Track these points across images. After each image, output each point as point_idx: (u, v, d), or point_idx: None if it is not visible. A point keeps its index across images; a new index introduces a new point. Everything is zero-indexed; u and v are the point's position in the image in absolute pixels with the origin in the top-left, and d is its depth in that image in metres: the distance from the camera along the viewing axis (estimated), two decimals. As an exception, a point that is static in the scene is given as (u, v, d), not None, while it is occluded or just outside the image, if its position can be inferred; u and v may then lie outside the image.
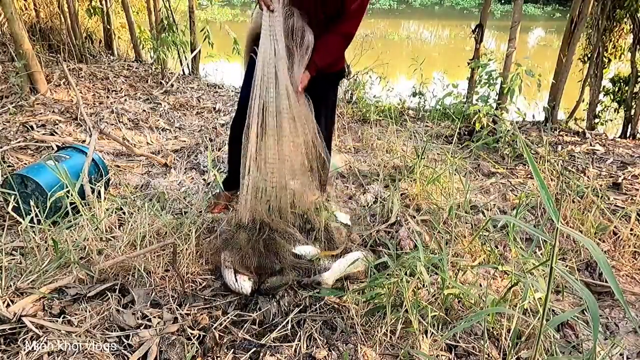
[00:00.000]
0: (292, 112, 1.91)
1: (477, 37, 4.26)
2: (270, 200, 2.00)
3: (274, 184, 1.98)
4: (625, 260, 2.20)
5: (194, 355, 1.52)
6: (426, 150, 3.06)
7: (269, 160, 1.94)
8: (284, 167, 1.97)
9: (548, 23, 15.38)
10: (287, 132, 1.91)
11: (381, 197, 2.66)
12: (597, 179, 3.10)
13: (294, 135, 1.94)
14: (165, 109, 4.35)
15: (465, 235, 2.22)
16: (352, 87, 5.01)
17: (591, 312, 1.05)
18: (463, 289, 1.69)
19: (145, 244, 1.96)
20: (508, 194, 2.91)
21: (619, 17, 4.00)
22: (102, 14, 5.94)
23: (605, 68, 4.28)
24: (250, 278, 1.87)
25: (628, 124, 4.26)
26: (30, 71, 3.96)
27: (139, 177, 3.00)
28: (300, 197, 2.08)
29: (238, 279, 1.85)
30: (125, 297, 1.77)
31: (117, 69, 5.44)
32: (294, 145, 1.95)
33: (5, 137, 3.20)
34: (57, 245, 1.86)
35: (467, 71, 4.47)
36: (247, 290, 1.83)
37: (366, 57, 5.51)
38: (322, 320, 1.71)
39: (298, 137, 1.95)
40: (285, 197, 2.02)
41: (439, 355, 1.55)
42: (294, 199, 2.06)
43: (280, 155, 1.94)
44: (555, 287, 1.95)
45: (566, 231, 1.05)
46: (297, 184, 2.05)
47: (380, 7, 18.73)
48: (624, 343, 1.71)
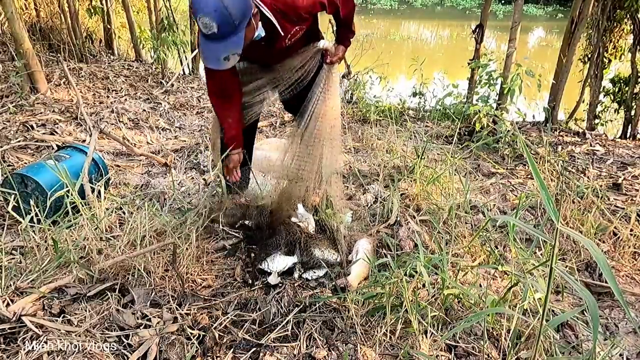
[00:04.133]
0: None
1: (477, 38, 4.26)
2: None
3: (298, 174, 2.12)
4: (625, 261, 2.19)
5: (193, 355, 1.52)
6: (426, 151, 3.06)
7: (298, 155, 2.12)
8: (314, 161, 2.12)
9: (549, 23, 15.37)
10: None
11: (381, 197, 2.66)
12: (597, 179, 3.10)
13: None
14: (166, 109, 4.35)
15: (465, 236, 2.22)
16: (352, 87, 5.00)
17: (591, 312, 1.05)
18: (463, 289, 1.69)
19: (145, 243, 1.96)
20: (508, 194, 2.91)
21: (619, 17, 4.00)
22: (102, 13, 5.94)
23: (605, 68, 4.28)
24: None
25: (628, 124, 4.26)
26: (31, 70, 3.96)
27: (139, 176, 3.00)
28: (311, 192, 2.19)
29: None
30: (125, 297, 1.77)
31: (117, 68, 5.44)
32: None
33: (5, 137, 3.20)
34: (57, 244, 1.86)
35: (467, 71, 4.47)
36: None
37: (366, 57, 5.51)
38: (322, 320, 1.71)
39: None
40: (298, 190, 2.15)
41: (438, 355, 1.55)
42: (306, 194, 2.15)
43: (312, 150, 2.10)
44: (555, 287, 1.95)
45: (566, 231, 1.05)
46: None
47: (381, 7, 18.73)
48: (624, 343, 1.71)
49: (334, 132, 2.14)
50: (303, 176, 2.13)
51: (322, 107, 2.08)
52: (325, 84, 2.09)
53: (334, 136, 2.14)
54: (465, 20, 15.75)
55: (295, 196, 2.16)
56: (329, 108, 2.09)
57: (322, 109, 2.08)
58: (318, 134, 2.09)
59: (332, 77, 2.10)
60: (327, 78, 2.09)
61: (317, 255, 1.99)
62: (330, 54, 2.07)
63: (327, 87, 2.09)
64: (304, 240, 2.04)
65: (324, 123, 2.09)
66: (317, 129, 2.09)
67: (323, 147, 2.11)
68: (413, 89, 4.88)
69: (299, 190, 2.16)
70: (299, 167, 2.13)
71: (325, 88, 2.09)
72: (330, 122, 2.11)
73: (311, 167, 2.12)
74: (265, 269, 1.95)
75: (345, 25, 2.11)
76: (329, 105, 2.10)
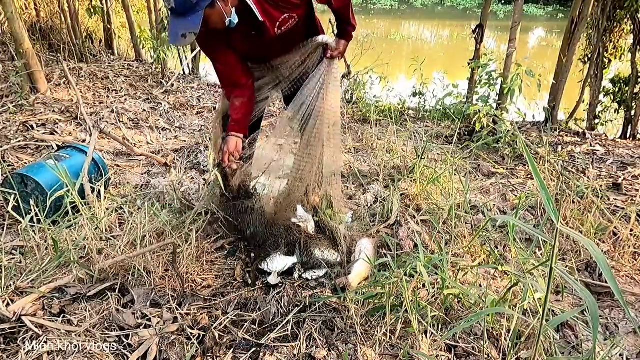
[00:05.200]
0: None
1: (477, 38, 4.25)
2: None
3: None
4: (625, 261, 2.19)
5: (193, 355, 1.52)
6: (426, 151, 3.05)
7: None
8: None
9: (549, 23, 15.37)
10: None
11: (381, 197, 2.66)
12: (597, 179, 3.09)
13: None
14: (166, 109, 4.35)
15: (465, 236, 2.22)
16: (352, 87, 5.00)
17: (591, 312, 1.05)
18: (463, 289, 1.69)
19: (145, 243, 1.96)
20: (508, 194, 2.90)
21: (619, 17, 4.00)
22: (102, 13, 5.94)
23: (605, 68, 4.28)
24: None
25: (628, 124, 4.26)
26: (31, 70, 3.96)
27: (139, 176, 3.00)
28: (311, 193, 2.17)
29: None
30: (125, 297, 1.77)
31: (117, 68, 5.44)
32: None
33: (5, 137, 3.20)
34: (57, 244, 1.86)
35: (467, 71, 4.47)
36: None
37: (366, 57, 5.51)
38: (321, 320, 1.70)
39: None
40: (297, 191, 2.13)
41: (438, 355, 1.55)
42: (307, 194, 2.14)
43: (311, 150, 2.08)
44: (555, 287, 1.95)
45: (566, 232, 1.05)
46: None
47: (381, 7, 18.73)
48: (624, 344, 1.71)
49: (333, 131, 2.09)
50: (303, 176, 2.11)
51: (321, 105, 2.02)
52: (325, 80, 2.02)
53: (334, 135, 2.10)
54: (465, 20, 15.74)
55: (295, 198, 2.14)
56: (328, 106, 2.03)
57: (321, 107, 2.02)
58: (317, 133, 2.05)
59: (333, 73, 2.03)
60: (327, 74, 2.02)
61: (317, 256, 1.99)
62: (331, 48, 2.01)
63: (327, 83, 2.02)
64: (303, 241, 2.03)
65: (324, 122, 2.04)
66: (316, 127, 2.04)
67: (323, 146, 2.07)
68: (413, 89, 4.88)
69: (299, 192, 2.14)
70: (299, 167, 2.11)
71: (325, 85, 2.02)
72: (330, 120, 2.06)
73: (310, 168, 2.10)
74: (265, 269, 1.95)
75: (342, 17, 2.06)
76: (329, 103, 2.04)
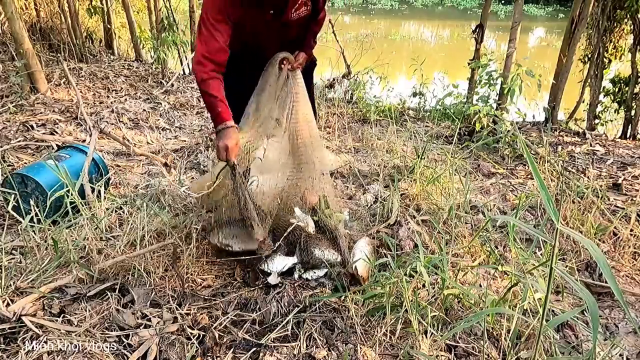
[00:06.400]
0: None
1: (477, 38, 4.25)
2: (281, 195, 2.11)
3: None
4: (625, 261, 2.19)
5: (193, 355, 1.52)
6: (426, 151, 3.05)
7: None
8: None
9: (549, 23, 15.37)
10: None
11: (381, 197, 2.66)
12: (597, 179, 3.09)
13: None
14: (166, 109, 4.35)
15: (465, 236, 2.22)
16: (352, 87, 5.00)
17: (591, 312, 1.05)
18: (463, 289, 1.69)
19: (145, 243, 1.96)
20: (508, 194, 2.90)
21: (619, 17, 4.00)
22: (102, 13, 5.95)
23: (605, 69, 4.27)
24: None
25: (628, 124, 4.26)
26: (31, 70, 3.97)
27: (139, 176, 3.00)
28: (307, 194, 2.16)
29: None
30: (125, 297, 1.77)
31: (117, 68, 5.44)
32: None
33: (5, 137, 3.20)
34: (57, 244, 1.86)
35: (467, 71, 4.47)
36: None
37: (366, 57, 5.51)
38: (321, 320, 1.70)
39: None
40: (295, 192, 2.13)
41: (438, 355, 1.55)
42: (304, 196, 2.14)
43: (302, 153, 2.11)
44: (555, 287, 1.95)
45: (566, 232, 1.05)
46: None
47: (381, 7, 18.73)
48: (624, 344, 1.71)
49: (313, 134, 2.14)
50: (299, 184, 2.13)
51: (296, 117, 2.08)
52: (292, 91, 2.07)
53: (314, 137, 2.15)
54: (465, 20, 15.74)
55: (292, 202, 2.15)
56: (301, 116, 2.09)
57: (297, 120, 2.08)
58: (301, 144, 2.10)
59: (299, 84, 2.10)
60: (294, 85, 2.07)
61: (317, 255, 1.99)
62: (290, 61, 2.06)
63: (294, 92, 2.07)
64: (303, 241, 2.03)
65: (304, 132, 2.10)
66: (299, 139, 2.09)
67: (312, 152, 2.11)
68: (413, 89, 4.88)
69: (295, 196, 2.15)
70: (295, 177, 2.13)
71: (294, 98, 2.07)
72: (308, 128, 2.12)
73: (307, 175, 2.13)
74: (265, 269, 1.95)
75: (314, 30, 2.18)
76: (301, 113, 2.09)
